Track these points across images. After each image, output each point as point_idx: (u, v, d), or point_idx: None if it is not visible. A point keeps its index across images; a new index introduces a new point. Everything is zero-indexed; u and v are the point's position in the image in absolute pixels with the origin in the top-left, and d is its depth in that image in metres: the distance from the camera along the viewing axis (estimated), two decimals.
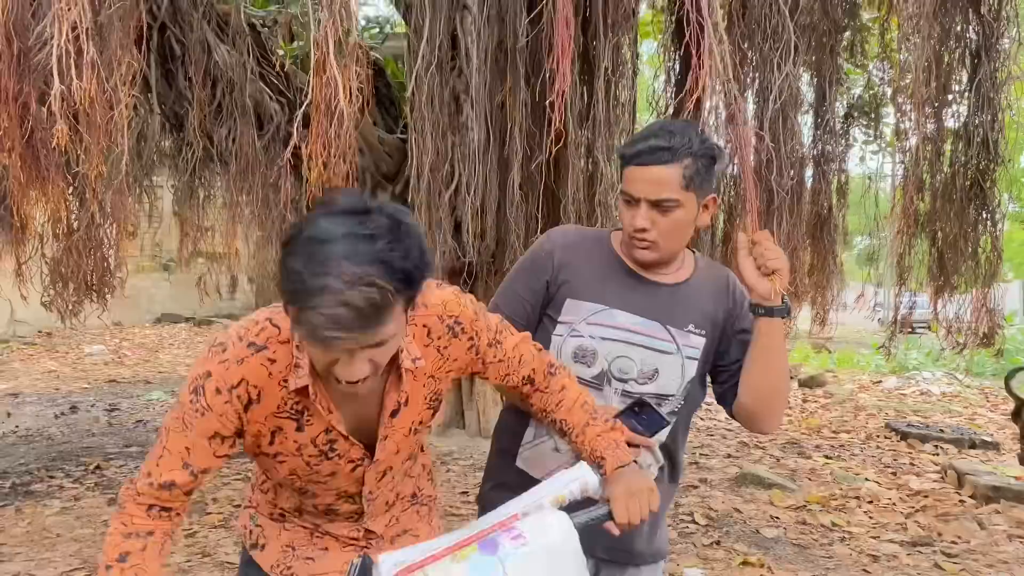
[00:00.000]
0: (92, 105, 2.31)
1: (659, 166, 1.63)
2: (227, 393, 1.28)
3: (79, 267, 4.67)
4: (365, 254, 1.09)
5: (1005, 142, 4.17)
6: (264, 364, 1.29)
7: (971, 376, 11.15)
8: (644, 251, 1.72)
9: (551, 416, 1.59)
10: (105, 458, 5.83)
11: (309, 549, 1.52)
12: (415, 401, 1.42)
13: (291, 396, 1.31)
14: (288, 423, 1.34)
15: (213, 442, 1.31)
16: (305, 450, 1.37)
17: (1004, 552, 4.32)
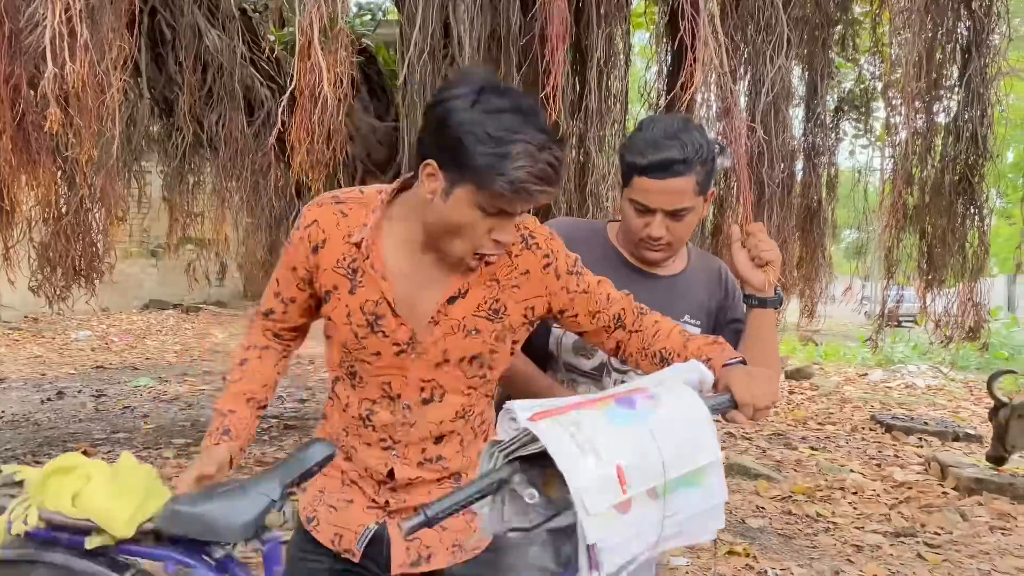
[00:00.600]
0: (84, 89, 2.30)
1: (676, 179, 1.63)
2: (303, 230, 1.43)
3: (67, 252, 4.65)
4: (539, 122, 1.28)
5: (994, 137, 4.21)
6: (336, 214, 1.41)
7: (956, 370, 11.25)
8: (657, 253, 1.74)
9: (650, 350, 1.49)
10: (92, 444, 5.81)
11: (335, 497, 1.53)
12: (473, 296, 1.42)
13: (350, 251, 1.40)
14: (343, 281, 1.41)
15: (294, 274, 1.46)
16: (354, 317, 1.41)
17: (986, 543, 4.38)
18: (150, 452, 5.69)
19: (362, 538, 1.48)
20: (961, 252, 4.42)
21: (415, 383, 1.44)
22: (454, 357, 1.43)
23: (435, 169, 1.29)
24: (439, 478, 1.51)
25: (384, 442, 1.47)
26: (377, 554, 1.49)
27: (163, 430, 6.44)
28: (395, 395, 1.45)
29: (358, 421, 1.48)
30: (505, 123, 1.24)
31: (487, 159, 1.23)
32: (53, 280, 4.83)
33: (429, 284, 1.40)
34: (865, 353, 12.70)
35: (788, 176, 4.05)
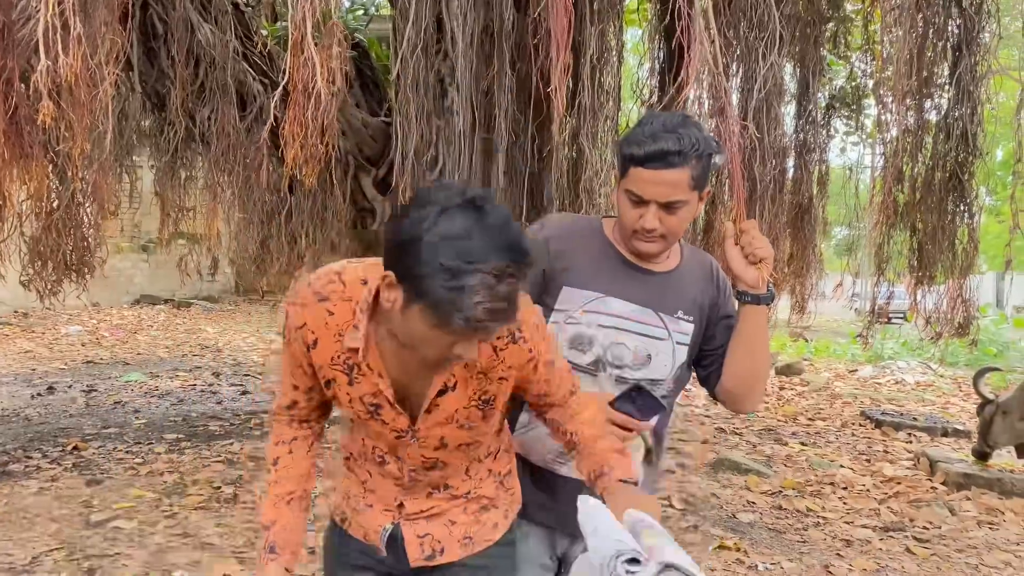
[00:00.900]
0: (77, 82, 2.29)
1: (670, 170, 1.64)
2: (295, 332, 1.44)
3: (59, 246, 4.63)
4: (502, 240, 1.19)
5: (984, 135, 4.23)
6: (323, 315, 1.40)
7: (945, 366, 11.32)
8: (650, 244, 1.75)
9: (563, 427, 1.58)
10: (83, 439, 5.80)
11: (359, 501, 1.62)
12: (462, 389, 1.43)
13: (342, 350, 1.41)
14: (341, 376, 1.44)
15: (301, 369, 1.49)
16: (355, 405, 1.47)
17: (973, 537, 4.42)
18: (141, 447, 5.68)
19: (382, 537, 1.59)
20: (951, 249, 4.45)
21: (417, 459, 1.53)
22: (451, 444, 1.51)
23: (392, 280, 1.25)
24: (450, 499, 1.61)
25: (397, 482, 1.57)
26: (396, 550, 1.59)
27: (154, 425, 6.43)
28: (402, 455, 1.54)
29: (372, 458, 1.57)
30: (463, 250, 1.17)
31: (442, 293, 1.18)
32: (44, 274, 4.80)
33: (419, 375, 1.42)
34: (855, 349, 12.78)
35: (780, 173, 4.06)
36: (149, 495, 4.57)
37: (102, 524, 4.08)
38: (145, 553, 3.73)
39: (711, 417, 7.67)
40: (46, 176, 3.72)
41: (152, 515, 4.25)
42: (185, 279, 6.55)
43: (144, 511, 4.31)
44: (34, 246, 4.75)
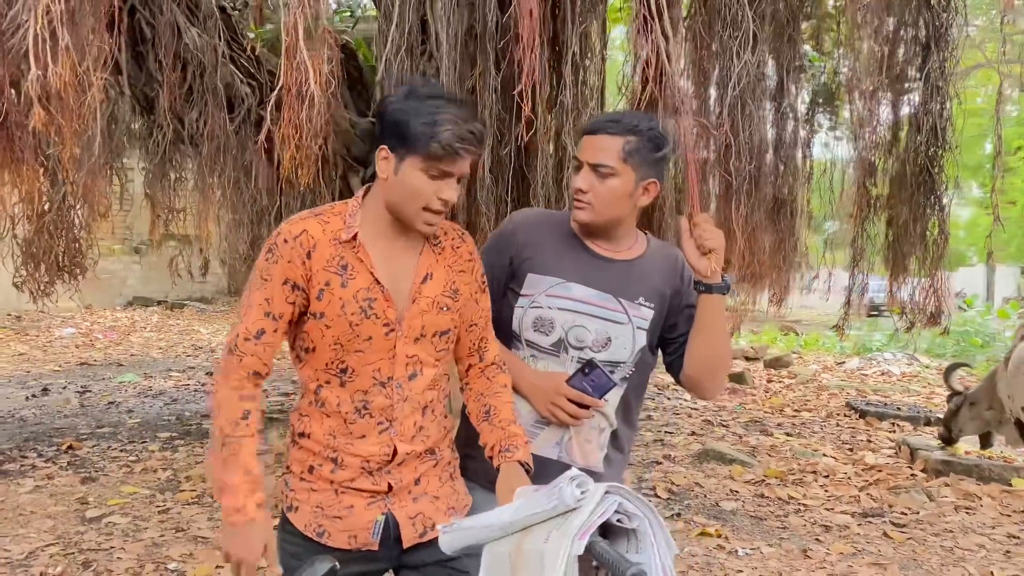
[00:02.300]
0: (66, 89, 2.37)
1: (603, 136, 1.82)
2: (292, 241, 1.57)
3: (50, 248, 4.70)
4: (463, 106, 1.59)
5: (953, 129, 4.34)
6: (320, 224, 1.61)
7: (931, 357, 11.46)
8: (580, 211, 1.87)
9: (483, 400, 1.77)
10: (77, 438, 5.88)
11: (336, 508, 1.65)
12: (438, 278, 1.68)
13: (338, 251, 1.59)
14: (335, 278, 1.59)
15: (285, 288, 1.58)
16: (348, 307, 1.59)
17: (950, 522, 4.54)
18: (135, 445, 5.76)
19: (375, 531, 1.65)
20: (922, 242, 4.56)
21: (402, 360, 1.64)
22: (429, 332, 1.67)
23: (387, 152, 1.57)
24: (422, 452, 1.70)
25: (381, 425, 1.64)
26: (387, 537, 1.67)
27: (148, 424, 6.51)
28: (385, 378, 1.63)
29: (353, 415, 1.63)
30: (433, 105, 1.54)
31: (421, 129, 1.52)
32: (37, 276, 4.88)
33: (402, 269, 1.64)
34: (844, 342, 12.91)
35: (757, 168, 4.16)
36: (143, 491, 4.66)
37: (97, 520, 4.17)
38: (139, 547, 3.81)
39: (698, 409, 7.78)
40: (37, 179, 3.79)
41: (146, 510, 4.33)
42: (177, 280, 6.61)
43: (138, 507, 4.39)
44: (26, 248, 4.83)
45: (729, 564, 3.83)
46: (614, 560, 1.24)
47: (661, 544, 1.32)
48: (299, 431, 1.70)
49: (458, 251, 1.73)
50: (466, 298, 1.73)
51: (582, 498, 1.31)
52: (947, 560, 3.97)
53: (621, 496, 1.32)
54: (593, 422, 1.90)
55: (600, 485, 1.34)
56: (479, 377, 1.79)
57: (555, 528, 1.29)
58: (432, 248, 1.69)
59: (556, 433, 1.90)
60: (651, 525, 1.33)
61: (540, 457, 1.86)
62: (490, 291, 1.88)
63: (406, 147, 1.54)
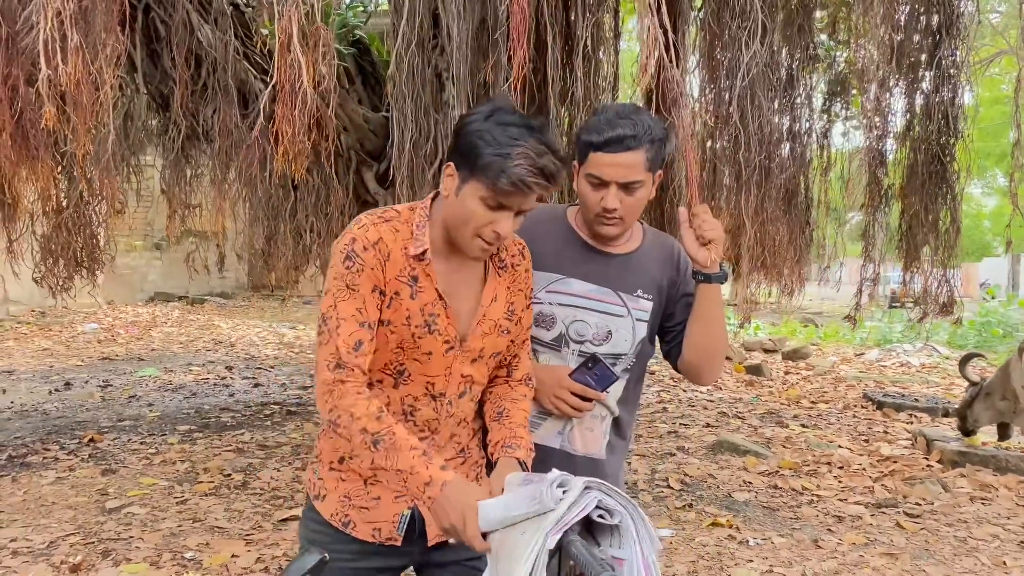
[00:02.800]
0: (78, 87, 2.42)
1: (627, 152, 1.78)
2: (372, 248, 1.54)
3: (69, 244, 4.79)
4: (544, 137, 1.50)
5: (966, 118, 4.30)
6: (392, 232, 1.57)
7: (951, 348, 11.35)
8: (611, 227, 1.87)
9: (500, 402, 1.74)
10: (99, 431, 5.98)
11: (364, 499, 1.66)
12: (501, 300, 1.67)
13: (409, 263, 1.57)
14: (404, 288, 1.57)
15: (375, 295, 1.55)
16: (413, 319, 1.57)
17: (964, 512, 4.52)
18: (155, 438, 5.85)
19: (400, 525, 1.65)
20: (934, 231, 4.53)
21: (456, 379, 1.64)
22: (487, 353, 1.67)
23: (452, 170, 1.53)
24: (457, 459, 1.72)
25: (423, 434, 1.65)
26: (411, 533, 1.66)
27: (168, 418, 6.60)
28: (438, 393, 1.64)
29: (399, 416, 1.63)
30: (512, 133, 1.47)
31: (492, 159, 1.46)
32: (56, 271, 4.97)
33: (465, 287, 1.64)
34: (863, 333, 12.83)
35: (767, 159, 4.14)
36: (162, 483, 4.74)
37: (116, 510, 4.25)
38: (157, 537, 3.89)
39: (714, 402, 7.77)
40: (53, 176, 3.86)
41: (164, 501, 4.41)
42: (197, 276, 6.69)
43: (157, 498, 4.47)
44: (45, 244, 4.91)
45: (740, 554, 3.84)
46: (587, 561, 1.26)
47: (644, 539, 1.34)
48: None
49: (517, 269, 1.72)
50: (518, 316, 1.73)
51: (563, 498, 1.33)
52: (960, 550, 3.95)
53: (602, 492, 1.34)
54: (596, 411, 1.93)
55: (580, 480, 1.35)
56: (502, 384, 1.78)
57: (534, 522, 1.31)
58: (497, 269, 1.68)
59: (558, 423, 1.92)
60: (633, 520, 1.35)
61: (543, 447, 1.89)
62: None
63: (472, 171, 1.49)
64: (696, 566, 3.68)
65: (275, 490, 4.64)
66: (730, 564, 3.71)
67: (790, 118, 4.76)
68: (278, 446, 5.67)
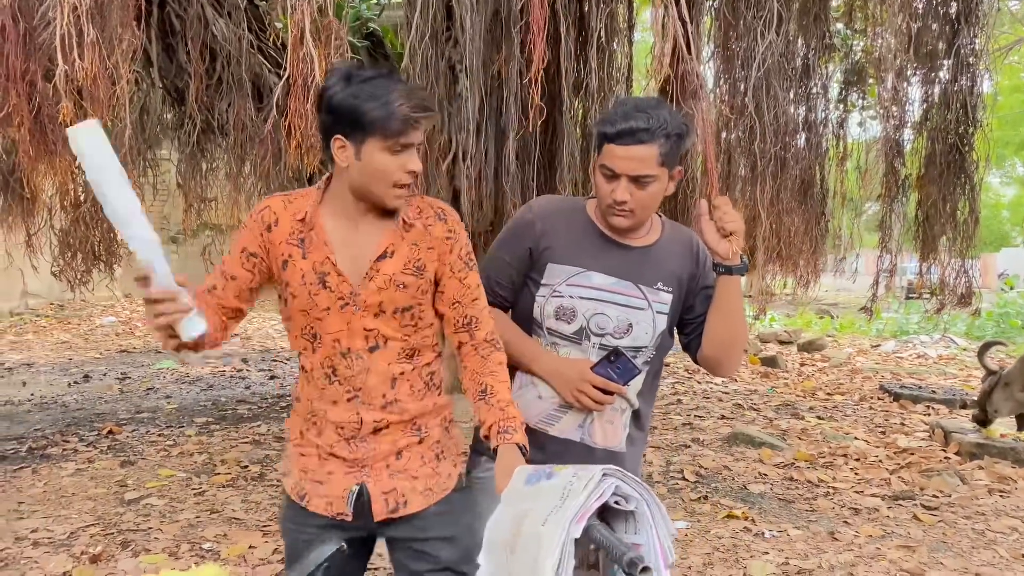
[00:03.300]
0: (95, 82, 2.44)
1: (639, 146, 1.77)
2: (256, 215, 1.72)
3: (87, 238, 4.83)
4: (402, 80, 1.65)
5: (984, 107, 4.25)
6: (284, 202, 1.72)
7: (969, 339, 11.26)
8: (621, 219, 1.87)
9: (479, 378, 1.76)
10: (117, 423, 6.04)
11: (319, 473, 1.73)
12: (399, 256, 1.70)
13: (298, 227, 1.69)
14: (295, 250, 1.69)
15: (242, 255, 1.71)
16: (307, 278, 1.68)
17: (982, 504, 4.49)
18: (172, 430, 5.91)
19: (349, 500, 1.71)
20: (952, 222, 4.49)
21: (359, 333, 1.69)
22: (388, 308, 1.71)
23: (342, 141, 1.61)
24: (400, 422, 1.74)
25: (349, 393, 1.71)
26: (360, 509, 1.72)
27: (185, 410, 6.66)
28: (345, 349, 1.69)
29: (324, 380, 1.71)
30: (378, 84, 1.58)
31: (377, 111, 1.56)
32: (74, 265, 5.01)
33: (362, 248, 1.69)
34: (880, 325, 12.74)
35: (783, 149, 4.12)
36: (180, 474, 4.78)
37: (135, 502, 4.29)
38: (175, 528, 3.92)
39: (729, 393, 7.75)
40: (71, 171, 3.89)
41: (182, 493, 4.45)
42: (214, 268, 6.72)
43: (175, 489, 4.52)
44: (64, 238, 4.96)
45: (755, 546, 3.83)
46: (612, 544, 1.27)
47: (660, 525, 1.35)
48: (295, 395, 1.82)
49: (430, 229, 1.74)
50: (441, 276, 1.76)
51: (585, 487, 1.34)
52: (978, 543, 3.93)
53: (618, 479, 1.35)
54: (616, 404, 1.93)
55: (597, 468, 1.37)
56: (473, 355, 1.79)
57: (553, 511, 1.32)
58: (398, 226, 1.70)
59: (578, 416, 1.92)
60: (649, 507, 1.36)
61: (563, 440, 1.90)
62: (509, 282, 1.92)
63: (365, 131, 1.58)
64: (711, 558, 3.68)
65: None
66: (745, 556, 3.71)
67: (806, 108, 4.73)
68: None
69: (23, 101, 2.88)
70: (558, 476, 1.46)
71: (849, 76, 6.26)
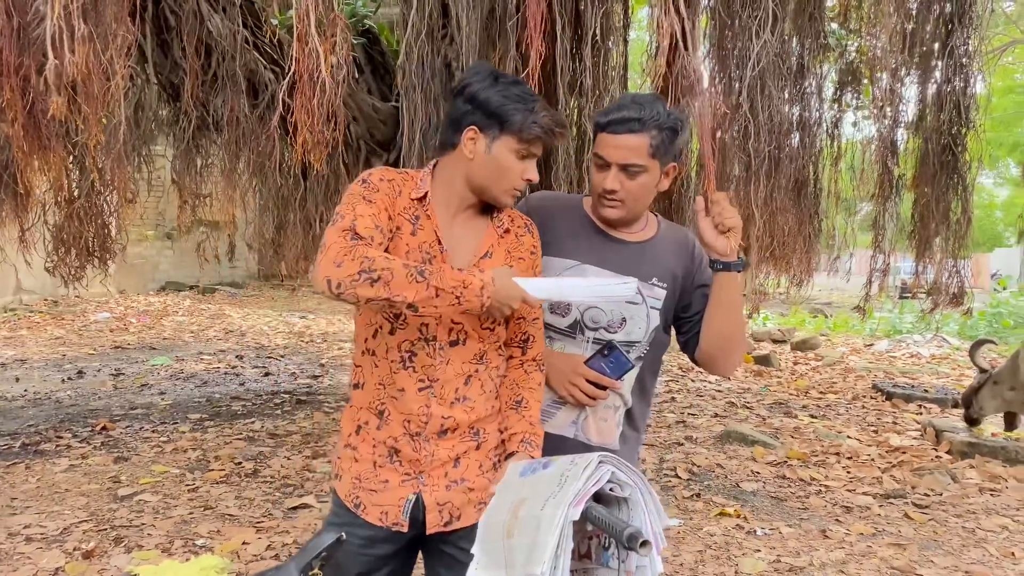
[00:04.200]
0: (89, 77, 2.44)
1: (630, 135, 1.81)
2: (387, 181, 1.70)
3: (81, 233, 4.82)
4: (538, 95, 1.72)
5: (977, 108, 4.27)
6: (402, 177, 1.73)
7: (961, 339, 11.30)
8: (611, 209, 1.89)
9: (518, 390, 1.79)
10: (111, 419, 6.03)
11: (373, 482, 1.71)
12: (497, 257, 1.75)
13: (411, 205, 1.70)
14: (407, 224, 1.69)
15: (385, 214, 1.66)
16: (412, 255, 1.67)
17: (973, 503, 4.51)
18: (166, 426, 5.90)
19: (405, 510, 1.68)
20: (945, 222, 4.51)
21: (446, 324, 1.69)
22: None
23: (475, 132, 1.66)
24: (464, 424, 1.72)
25: (423, 382, 1.69)
26: (415, 519, 1.69)
27: (179, 406, 6.65)
28: (430, 336, 1.68)
29: (398, 364, 1.69)
30: (522, 91, 1.67)
31: (521, 115, 1.64)
32: (68, 261, 5.00)
33: (464, 240, 1.74)
34: (873, 324, 12.78)
35: (777, 148, 4.13)
36: (173, 471, 4.78)
37: (128, 498, 4.29)
38: (169, 524, 3.93)
39: (723, 392, 7.77)
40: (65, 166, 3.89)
41: (175, 489, 4.45)
42: (208, 265, 6.73)
43: (168, 485, 4.51)
44: (57, 234, 4.95)
45: (747, 544, 3.85)
46: (611, 522, 1.30)
47: (652, 512, 1.37)
48: (353, 382, 1.77)
49: (521, 239, 1.80)
50: None
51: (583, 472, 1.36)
52: (968, 541, 3.95)
53: (613, 466, 1.37)
54: (609, 401, 1.94)
55: (594, 454, 1.39)
56: (517, 368, 1.81)
57: (551, 496, 1.34)
58: (496, 229, 1.76)
59: (572, 412, 1.93)
60: (642, 494, 1.38)
61: (557, 436, 1.90)
62: None
63: (502, 128, 1.64)
64: (703, 556, 3.69)
65: (285, 478, 4.68)
66: (737, 554, 3.72)
67: (800, 107, 4.74)
68: (288, 435, 5.71)
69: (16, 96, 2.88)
70: (554, 464, 1.49)
71: (844, 76, 6.28)
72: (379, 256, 1.52)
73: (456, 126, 1.68)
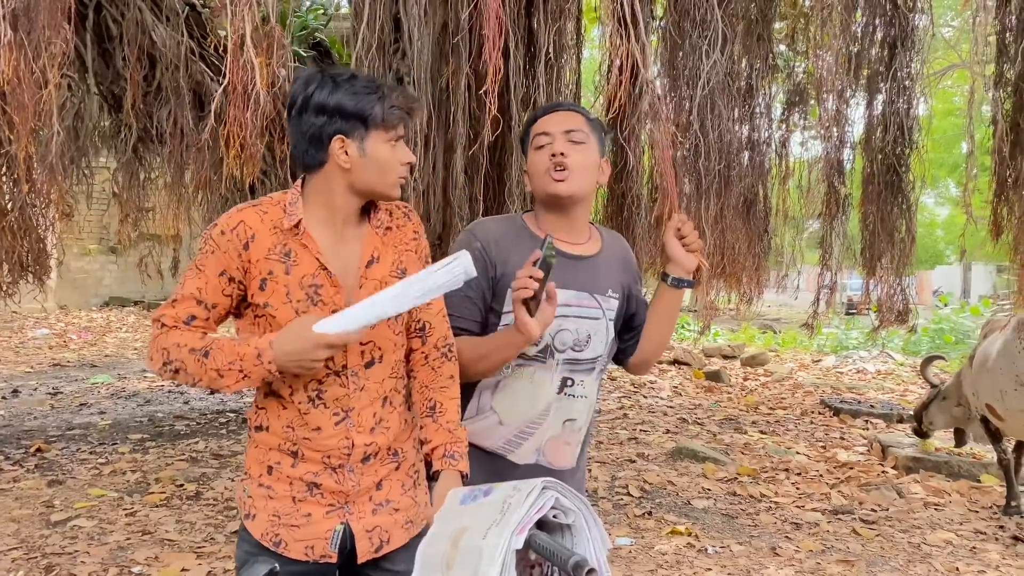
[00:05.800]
0: (18, 86, 2.33)
1: (567, 112, 1.90)
2: (229, 233, 1.56)
3: (14, 248, 4.63)
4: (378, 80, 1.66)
5: (920, 129, 4.37)
6: (258, 213, 1.60)
7: (905, 355, 11.55)
8: (561, 183, 1.84)
9: (428, 393, 1.73)
10: (46, 440, 5.81)
11: (294, 517, 1.60)
12: (384, 260, 1.67)
13: (279, 239, 1.58)
14: (278, 266, 1.57)
15: (222, 279, 1.57)
16: (293, 295, 1.57)
17: (918, 518, 4.57)
18: (105, 447, 5.70)
19: (333, 542, 1.60)
20: (891, 240, 4.60)
21: (356, 349, 1.60)
22: None
23: (343, 140, 1.57)
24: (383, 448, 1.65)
25: (337, 416, 1.59)
26: (343, 549, 1.61)
27: (120, 426, 6.44)
28: (339, 368, 1.59)
29: (307, 405, 1.58)
30: (365, 82, 1.60)
31: (378, 106, 1.58)
32: (0, 276, 4.81)
33: (348, 254, 1.63)
34: (821, 340, 13.01)
35: (727, 167, 4.17)
36: (111, 494, 4.60)
37: (62, 523, 4.11)
38: (104, 550, 3.77)
39: (674, 408, 7.80)
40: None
41: (113, 513, 4.28)
42: (153, 280, 6.55)
43: (105, 510, 4.34)
44: None
45: (699, 562, 3.84)
46: (555, 550, 1.26)
47: (596, 539, 1.33)
48: (256, 425, 1.65)
49: (403, 230, 1.72)
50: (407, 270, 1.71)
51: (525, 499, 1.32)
52: (914, 557, 3.99)
53: (558, 492, 1.34)
54: (575, 424, 1.93)
55: (537, 481, 1.35)
56: (423, 365, 1.74)
57: (493, 524, 1.29)
58: (375, 230, 1.67)
59: (535, 442, 1.89)
60: (586, 520, 1.34)
61: (522, 466, 1.87)
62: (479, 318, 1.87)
63: (367, 126, 1.58)
64: (655, 575, 3.66)
65: (228, 501, 4.53)
66: (689, 573, 3.70)
67: (749, 127, 4.81)
68: (233, 455, 5.55)
69: None
70: (496, 491, 1.45)
71: (791, 96, 6.40)
72: (172, 345, 1.54)
73: (317, 142, 1.58)
